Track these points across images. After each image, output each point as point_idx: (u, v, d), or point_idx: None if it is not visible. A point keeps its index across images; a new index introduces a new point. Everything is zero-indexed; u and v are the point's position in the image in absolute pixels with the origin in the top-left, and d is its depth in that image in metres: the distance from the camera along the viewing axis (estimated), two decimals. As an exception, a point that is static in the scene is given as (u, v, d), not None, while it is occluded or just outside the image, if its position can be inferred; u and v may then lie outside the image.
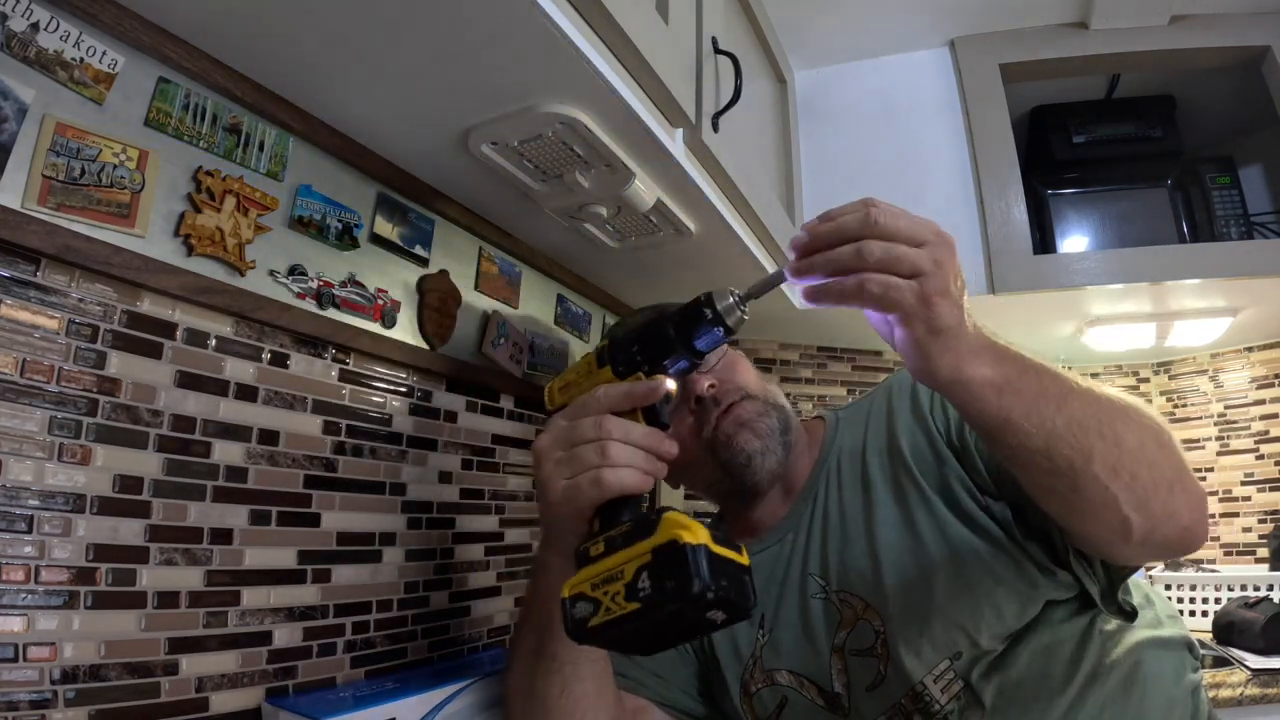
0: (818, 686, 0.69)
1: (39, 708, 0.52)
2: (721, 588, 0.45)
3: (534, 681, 0.65)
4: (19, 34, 0.55)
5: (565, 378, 0.63)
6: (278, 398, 0.74)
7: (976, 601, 0.63)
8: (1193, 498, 0.55)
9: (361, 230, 0.84)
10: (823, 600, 0.71)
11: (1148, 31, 1.37)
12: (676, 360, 0.56)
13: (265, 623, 0.70)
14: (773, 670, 0.72)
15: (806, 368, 1.79)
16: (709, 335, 0.55)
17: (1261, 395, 1.75)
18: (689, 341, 0.55)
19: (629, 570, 0.47)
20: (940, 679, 0.63)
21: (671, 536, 0.47)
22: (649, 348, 0.57)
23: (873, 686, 0.66)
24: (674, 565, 0.46)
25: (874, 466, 0.74)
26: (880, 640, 0.66)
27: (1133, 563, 0.61)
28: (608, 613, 0.47)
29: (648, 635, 0.49)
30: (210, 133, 0.69)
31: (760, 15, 1.28)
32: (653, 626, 0.47)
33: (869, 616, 0.67)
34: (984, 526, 0.66)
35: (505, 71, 0.68)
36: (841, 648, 0.68)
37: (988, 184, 1.37)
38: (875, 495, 0.72)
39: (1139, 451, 0.52)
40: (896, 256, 0.49)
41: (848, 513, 0.73)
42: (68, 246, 0.56)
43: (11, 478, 0.53)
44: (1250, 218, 1.42)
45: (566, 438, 0.56)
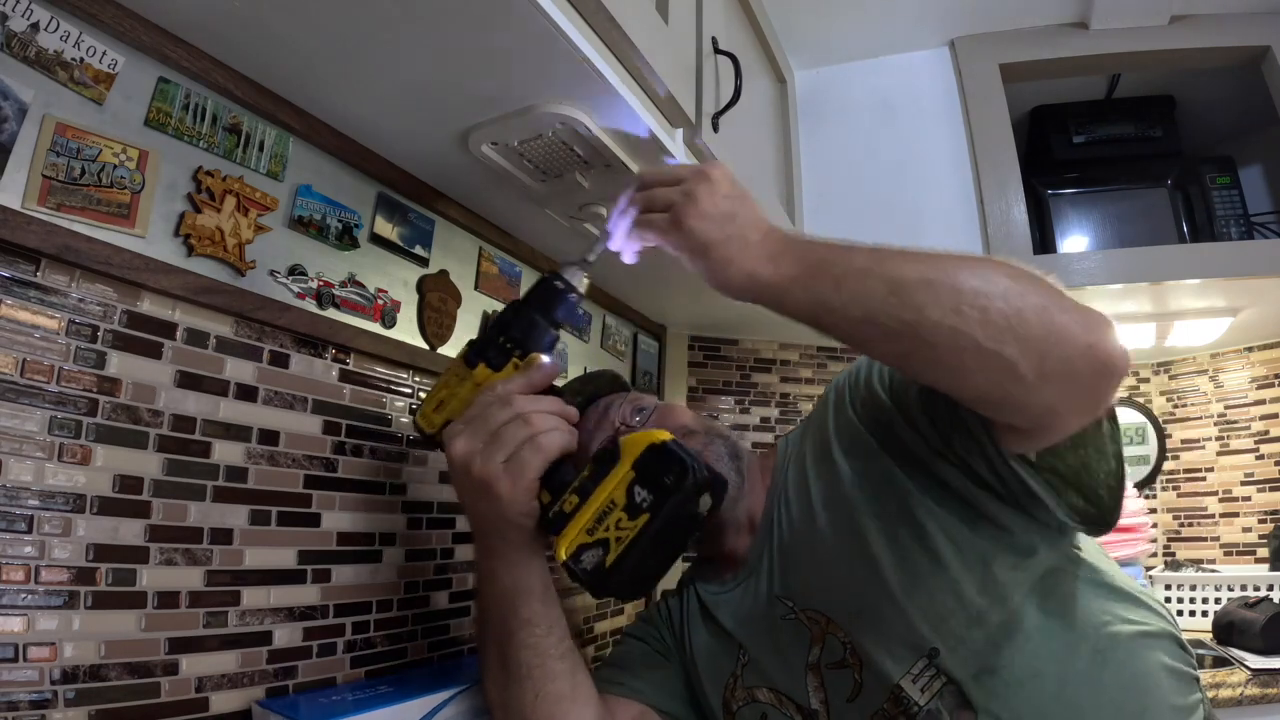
0: (796, 704, 0.69)
1: (39, 708, 0.52)
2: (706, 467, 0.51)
3: (506, 694, 0.65)
4: (19, 34, 0.55)
5: (435, 397, 0.66)
6: (278, 398, 0.74)
7: (931, 590, 0.61)
8: (1082, 314, 0.51)
9: (361, 230, 0.84)
10: (792, 621, 0.70)
11: (1148, 31, 1.37)
12: (543, 336, 0.61)
13: (265, 623, 0.70)
14: (753, 688, 0.72)
15: (806, 368, 1.79)
16: (565, 305, 0.62)
17: (1261, 395, 1.76)
18: (550, 315, 0.62)
19: (619, 495, 0.50)
20: (919, 678, 0.61)
21: (646, 443, 0.51)
22: (516, 333, 0.61)
23: (853, 697, 0.65)
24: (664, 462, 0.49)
25: (813, 479, 0.73)
26: (849, 650, 0.65)
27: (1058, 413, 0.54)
28: (619, 543, 0.49)
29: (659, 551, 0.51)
30: (210, 133, 0.69)
31: (760, 15, 1.28)
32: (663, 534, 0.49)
33: (833, 630, 0.67)
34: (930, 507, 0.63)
35: (505, 71, 0.68)
36: (817, 664, 0.68)
37: (988, 184, 1.37)
38: (817, 507, 0.71)
39: (984, 287, 0.49)
40: (651, 196, 0.62)
41: (798, 530, 0.72)
42: (68, 246, 0.56)
43: (11, 478, 0.53)
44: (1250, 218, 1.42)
45: (483, 430, 0.58)
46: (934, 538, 0.63)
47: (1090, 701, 0.58)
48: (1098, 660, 0.60)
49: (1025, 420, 0.55)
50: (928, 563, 0.62)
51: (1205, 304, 1.49)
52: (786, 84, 1.45)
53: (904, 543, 0.64)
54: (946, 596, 0.61)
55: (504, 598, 0.63)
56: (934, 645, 0.61)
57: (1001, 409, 0.54)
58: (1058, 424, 0.55)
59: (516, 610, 0.63)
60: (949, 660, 0.60)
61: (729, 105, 0.93)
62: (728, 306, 1.49)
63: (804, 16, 1.38)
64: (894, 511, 0.66)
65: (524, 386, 0.59)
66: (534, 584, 0.63)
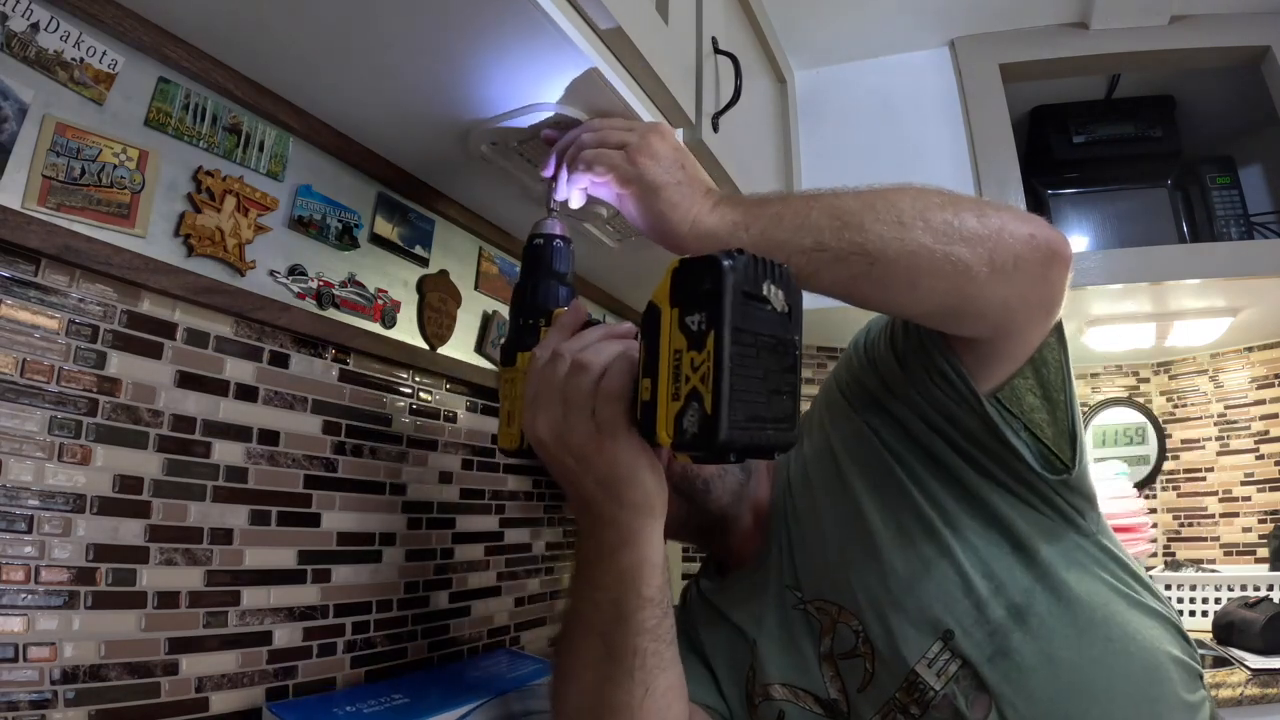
0: (814, 696, 0.68)
1: (39, 708, 0.52)
2: (748, 253, 0.42)
3: (612, 692, 0.55)
4: (19, 34, 0.55)
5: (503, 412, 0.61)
6: (278, 398, 0.74)
7: (940, 572, 0.62)
8: (1014, 211, 0.56)
9: (361, 230, 0.84)
10: (801, 611, 0.70)
11: (1148, 31, 1.37)
12: (556, 292, 0.59)
13: (265, 623, 0.70)
14: (767, 684, 0.71)
15: (806, 368, 1.79)
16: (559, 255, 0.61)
17: (1261, 395, 1.76)
18: (551, 270, 0.60)
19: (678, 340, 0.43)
20: (934, 663, 0.61)
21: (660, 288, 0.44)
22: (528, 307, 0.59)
23: (864, 686, 0.65)
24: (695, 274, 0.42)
25: (814, 469, 0.73)
26: (861, 639, 0.65)
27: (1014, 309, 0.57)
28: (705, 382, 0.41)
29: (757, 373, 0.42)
30: (210, 133, 0.69)
31: (760, 15, 1.28)
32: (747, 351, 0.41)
33: (844, 619, 0.66)
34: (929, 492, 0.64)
35: (505, 71, 0.68)
36: (830, 654, 0.67)
37: (988, 184, 1.37)
38: (819, 496, 0.71)
39: (920, 202, 0.53)
40: (604, 135, 0.63)
41: (803, 521, 0.73)
42: (68, 246, 0.56)
43: (11, 478, 0.53)
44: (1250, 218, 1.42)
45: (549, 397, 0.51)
46: (935, 521, 0.63)
47: (1104, 689, 0.58)
48: (1111, 648, 0.60)
49: (986, 326, 0.58)
50: (933, 546, 0.63)
51: (1205, 304, 1.49)
52: (786, 84, 1.45)
53: (907, 527, 0.64)
54: (956, 578, 0.61)
55: (625, 576, 0.54)
56: (948, 626, 0.61)
57: (961, 317, 0.57)
58: (1018, 322, 0.58)
59: (639, 588, 0.54)
60: (964, 642, 0.60)
61: (729, 105, 0.93)
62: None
63: (804, 16, 1.38)
64: (894, 496, 0.66)
65: (560, 337, 0.53)
66: (658, 556, 0.55)
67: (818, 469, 0.73)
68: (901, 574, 0.63)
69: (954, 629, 0.61)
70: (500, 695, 0.73)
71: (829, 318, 1.51)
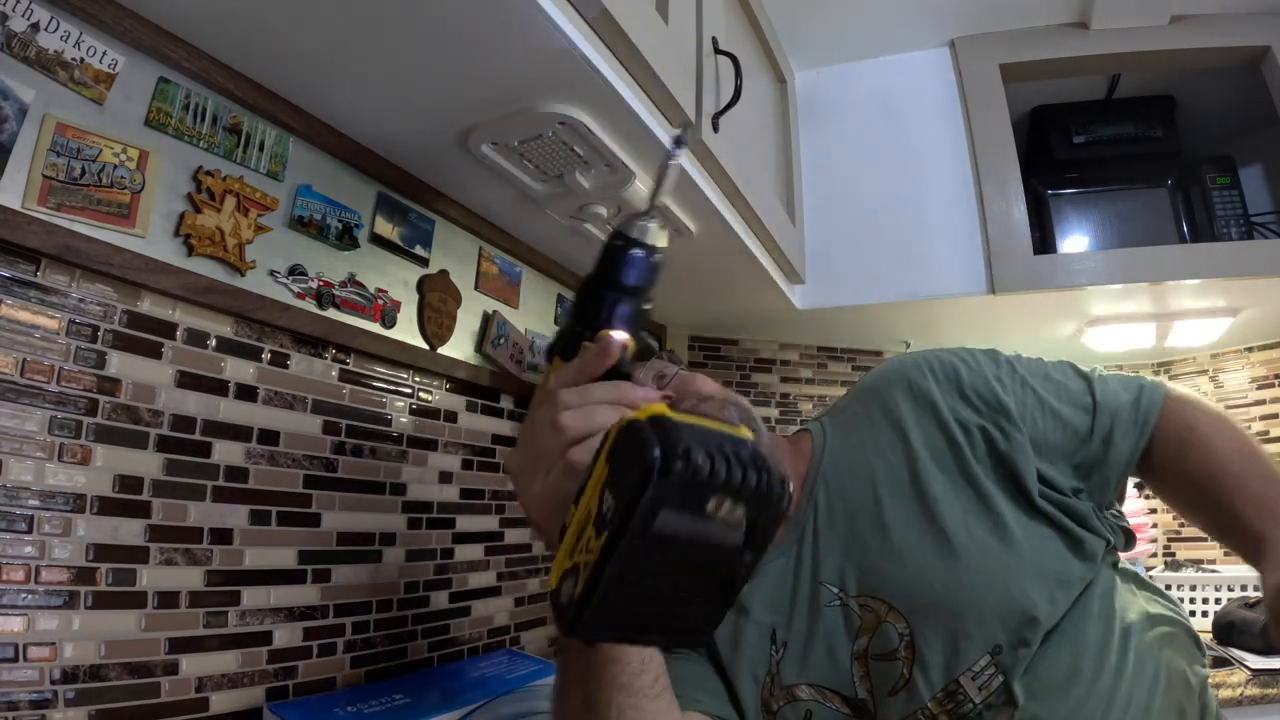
0: (841, 696, 0.67)
1: (39, 708, 0.52)
2: (703, 454, 0.33)
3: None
4: (19, 34, 0.55)
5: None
6: (278, 398, 0.74)
7: (1005, 586, 0.61)
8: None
9: (361, 230, 0.84)
10: (839, 608, 0.68)
11: (1148, 31, 1.37)
12: (614, 308, 0.49)
13: (265, 623, 0.70)
14: (792, 685, 0.69)
15: (806, 368, 1.79)
16: (631, 264, 0.49)
17: (1261, 395, 1.75)
18: (616, 282, 0.49)
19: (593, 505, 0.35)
20: (979, 675, 0.61)
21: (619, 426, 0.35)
22: (582, 313, 0.50)
23: (895, 690, 0.63)
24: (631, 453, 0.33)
25: (879, 466, 0.71)
26: (905, 643, 0.64)
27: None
28: (585, 569, 0.34)
29: (654, 592, 0.35)
30: (210, 133, 0.69)
31: (760, 15, 1.28)
32: (646, 569, 0.34)
33: (893, 619, 0.65)
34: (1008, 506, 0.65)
35: (505, 71, 0.68)
36: (863, 654, 0.66)
37: (988, 184, 1.37)
38: (883, 493, 0.69)
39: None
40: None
41: (857, 517, 0.70)
42: (68, 246, 0.56)
43: (11, 478, 0.53)
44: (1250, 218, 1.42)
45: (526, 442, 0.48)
46: (1012, 538, 0.63)
47: (1123, 699, 0.59)
48: (1129, 657, 0.61)
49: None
50: (1005, 561, 0.62)
51: (1205, 304, 1.48)
52: (786, 84, 1.45)
53: (983, 540, 0.63)
54: (1019, 595, 0.61)
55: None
56: (999, 642, 0.61)
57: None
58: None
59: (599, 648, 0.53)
60: (1008, 658, 0.60)
61: (729, 105, 0.93)
62: (728, 307, 1.50)
63: (804, 16, 1.38)
64: (974, 507, 0.65)
65: (573, 376, 0.48)
66: None
67: (881, 460, 0.71)
68: (970, 583, 0.62)
69: (1003, 644, 0.60)
70: (500, 695, 0.73)
71: (830, 318, 1.51)
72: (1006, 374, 0.71)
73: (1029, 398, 0.69)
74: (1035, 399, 0.69)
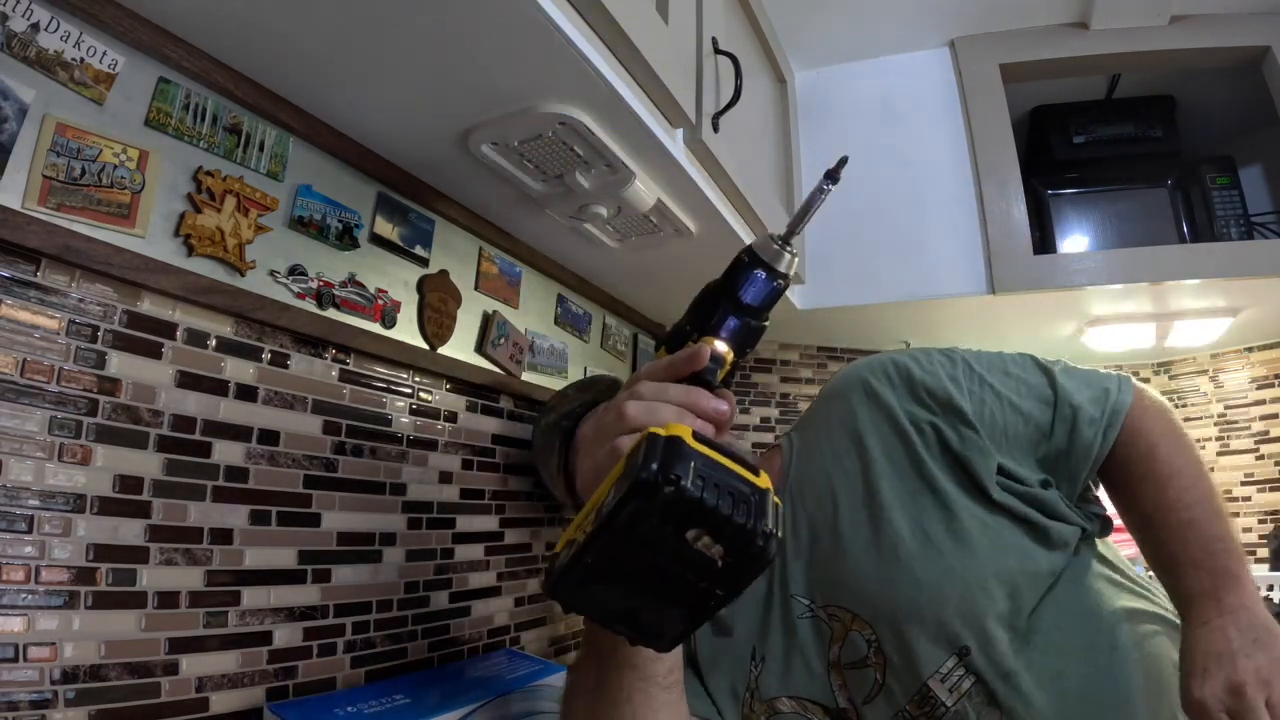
0: (822, 706, 0.67)
1: (39, 708, 0.52)
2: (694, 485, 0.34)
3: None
4: (19, 34, 0.55)
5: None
6: (278, 398, 0.74)
7: (965, 586, 0.61)
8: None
9: (361, 230, 0.84)
10: (810, 619, 0.69)
11: (1148, 31, 1.37)
12: (724, 319, 0.51)
13: (265, 623, 0.69)
14: (773, 699, 0.69)
15: (806, 368, 1.79)
16: (752, 283, 0.51)
17: (1261, 395, 1.76)
18: (734, 296, 0.51)
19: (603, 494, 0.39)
20: (948, 678, 0.61)
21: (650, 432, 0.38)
22: (694, 315, 0.52)
23: (871, 697, 0.64)
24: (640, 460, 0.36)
25: (836, 475, 0.71)
26: (874, 649, 0.64)
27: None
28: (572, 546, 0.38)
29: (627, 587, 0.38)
30: (210, 133, 0.69)
31: (760, 15, 1.28)
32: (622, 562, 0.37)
33: (858, 627, 0.65)
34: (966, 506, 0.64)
35: (505, 71, 0.68)
36: (838, 663, 0.67)
37: (988, 184, 1.37)
38: (841, 501, 0.69)
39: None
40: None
41: (818, 528, 0.71)
42: (68, 246, 0.56)
43: (11, 478, 0.53)
44: (1250, 218, 1.42)
45: (603, 416, 0.50)
46: (969, 536, 0.63)
47: (1112, 700, 0.59)
48: (1117, 657, 0.60)
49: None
50: (961, 560, 0.62)
51: (1205, 304, 1.49)
52: (786, 84, 1.45)
53: (938, 541, 0.63)
54: (979, 593, 0.61)
55: None
56: (965, 643, 0.61)
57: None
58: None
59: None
60: (979, 659, 0.60)
61: (729, 105, 0.93)
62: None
63: (804, 16, 1.38)
64: (929, 508, 0.65)
65: (660, 371, 0.50)
66: None
67: (839, 469, 0.71)
68: (925, 585, 0.62)
69: (970, 645, 0.60)
70: (500, 695, 0.73)
71: (830, 318, 1.51)
72: (963, 372, 0.71)
73: (986, 394, 0.69)
74: (993, 394, 0.69)
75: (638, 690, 0.54)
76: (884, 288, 1.41)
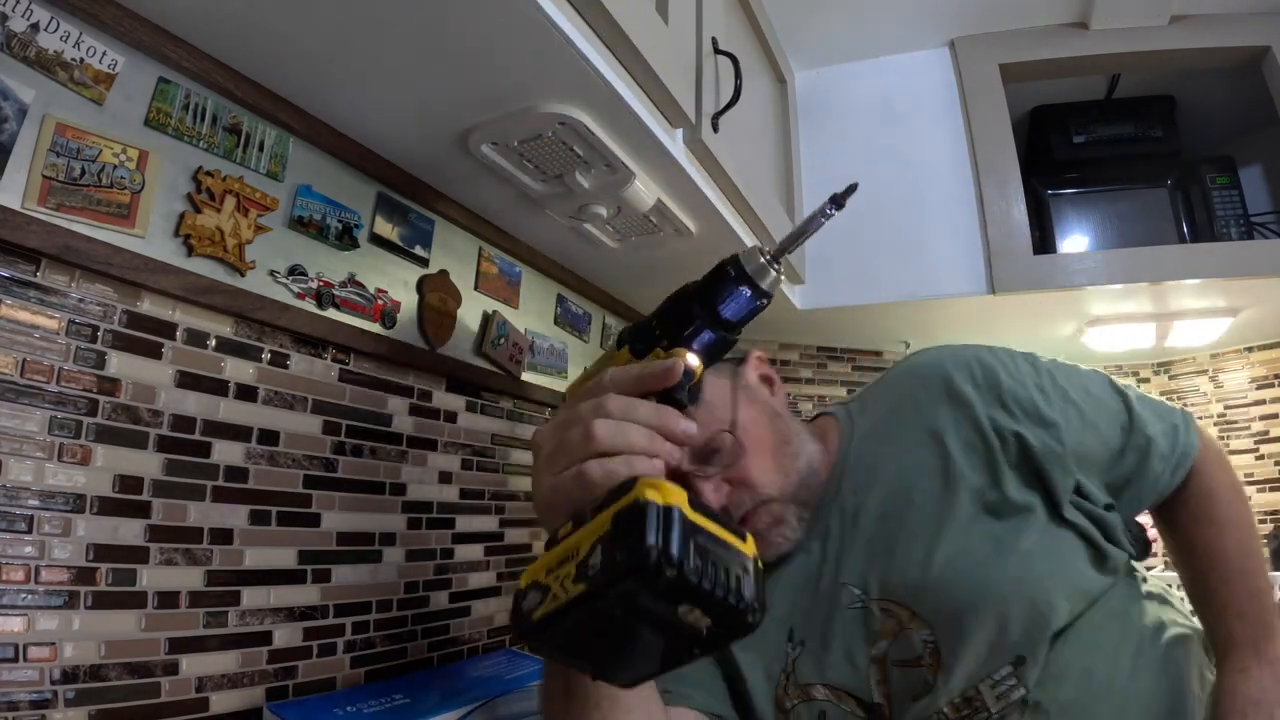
0: (856, 699, 0.65)
1: (39, 708, 0.52)
2: (694, 568, 0.35)
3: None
4: (19, 34, 0.55)
5: (587, 371, 0.55)
6: (278, 398, 0.74)
7: (1035, 603, 0.60)
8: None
9: (361, 230, 0.84)
10: (860, 611, 0.66)
11: (1148, 31, 1.37)
12: (699, 332, 0.48)
13: (265, 623, 0.70)
14: (808, 685, 0.67)
15: (806, 368, 1.79)
16: (735, 299, 0.48)
17: (1261, 395, 1.76)
18: (713, 308, 0.48)
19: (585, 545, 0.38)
20: (999, 685, 0.60)
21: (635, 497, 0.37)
22: (668, 320, 0.49)
23: (919, 695, 0.62)
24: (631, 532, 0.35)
25: (912, 470, 0.69)
26: (930, 650, 0.62)
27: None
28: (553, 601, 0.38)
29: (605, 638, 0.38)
30: (210, 133, 0.69)
31: (760, 15, 1.28)
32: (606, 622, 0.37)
33: (915, 626, 0.63)
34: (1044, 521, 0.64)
35: (505, 71, 0.68)
36: (882, 658, 0.64)
37: (988, 184, 1.37)
38: (917, 499, 0.67)
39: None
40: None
41: (883, 518, 0.68)
42: (68, 247, 0.56)
43: (11, 478, 0.53)
44: (1250, 218, 1.42)
45: (562, 424, 0.47)
46: (1039, 549, 0.62)
47: (1136, 703, 0.60)
48: (1141, 662, 0.62)
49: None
50: (1032, 572, 0.61)
51: (1205, 304, 1.49)
52: (786, 84, 1.45)
53: (1010, 550, 0.62)
54: (1045, 607, 0.60)
55: None
56: (1023, 653, 0.60)
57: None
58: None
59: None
60: (1031, 671, 0.60)
61: (729, 105, 0.93)
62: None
63: (804, 16, 1.38)
64: (1003, 516, 0.64)
65: (633, 383, 0.47)
66: None
67: (915, 463, 0.69)
68: (993, 593, 0.61)
69: (1026, 655, 0.60)
70: (500, 695, 0.73)
71: (830, 318, 1.51)
72: (1047, 383, 0.70)
73: (1070, 410, 0.68)
74: (1075, 411, 0.68)
75: (605, 697, 0.55)
76: (884, 288, 1.41)
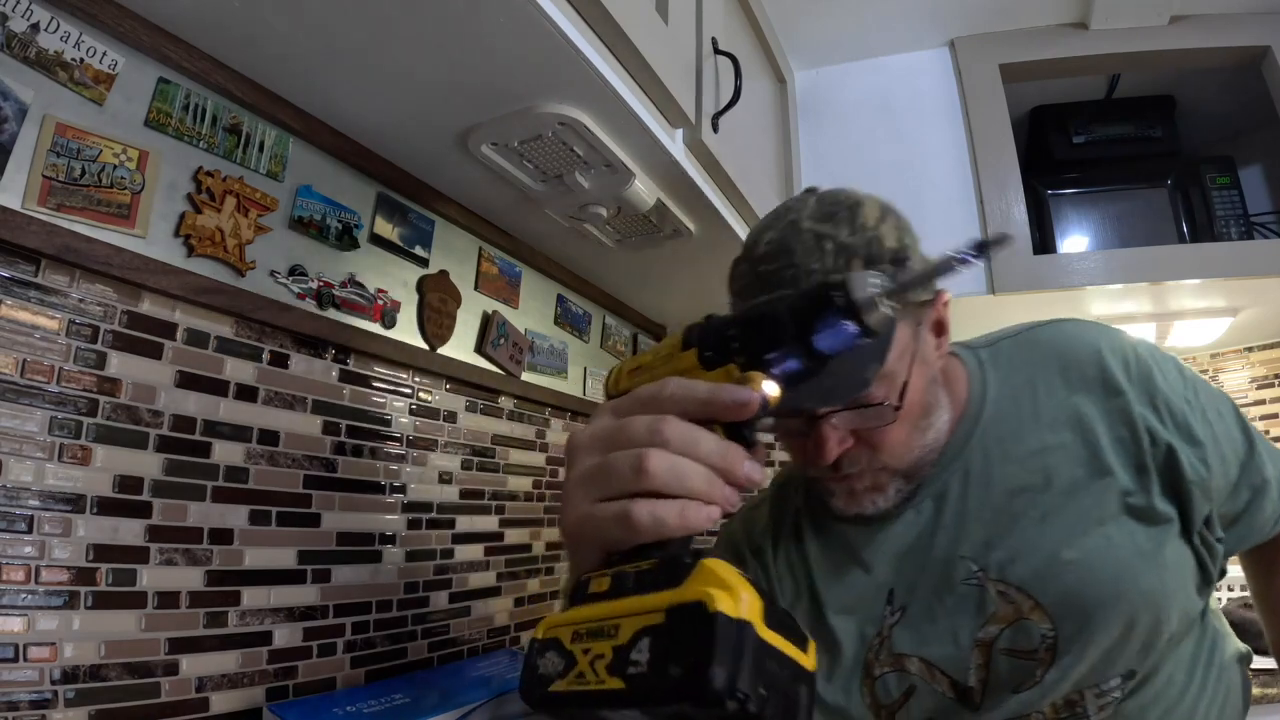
0: (950, 679, 0.62)
1: (39, 708, 0.52)
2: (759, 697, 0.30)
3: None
4: (19, 34, 0.55)
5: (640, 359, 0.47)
6: (278, 398, 0.74)
7: (1157, 618, 0.59)
8: None
9: (361, 230, 0.84)
10: (975, 588, 0.62)
11: (1148, 31, 1.37)
12: (784, 358, 0.40)
13: (265, 623, 0.70)
14: (903, 655, 0.63)
15: (806, 368, 1.79)
16: (835, 331, 0.39)
17: (1261, 395, 1.75)
18: (805, 334, 0.39)
19: (627, 629, 0.33)
20: (1105, 694, 0.59)
21: (700, 597, 0.31)
22: (751, 334, 0.41)
23: (1020, 688, 0.60)
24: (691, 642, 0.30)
25: (1053, 450, 0.64)
26: (1046, 645, 0.59)
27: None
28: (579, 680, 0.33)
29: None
30: (210, 133, 0.69)
31: (760, 15, 1.28)
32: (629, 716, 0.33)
33: (1036, 618, 0.60)
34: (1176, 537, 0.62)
35: (505, 71, 0.68)
36: (989, 642, 0.61)
37: (988, 184, 1.37)
38: (1057, 483, 0.63)
39: None
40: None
41: (1015, 494, 0.63)
42: (68, 247, 0.56)
43: (11, 478, 0.53)
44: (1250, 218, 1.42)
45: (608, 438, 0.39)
46: (1170, 564, 0.61)
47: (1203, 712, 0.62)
48: (1210, 674, 0.63)
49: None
50: (1161, 585, 0.60)
51: (1205, 304, 1.49)
52: (786, 84, 1.45)
53: (1147, 558, 0.60)
54: (1164, 622, 0.59)
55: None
56: (1134, 667, 0.59)
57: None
58: None
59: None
60: (1137, 684, 0.60)
61: (729, 105, 0.93)
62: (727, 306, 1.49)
63: (804, 16, 1.38)
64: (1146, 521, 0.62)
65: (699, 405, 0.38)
66: None
67: (1057, 444, 0.64)
68: (1125, 599, 0.59)
69: (1137, 670, 0.59)
70: (500, 695, 0.73)
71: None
72: (1193, 396, 0.67)
73: (1210, 434, 0.65)
74: (1213, 436, 0.65)
75: None
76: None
